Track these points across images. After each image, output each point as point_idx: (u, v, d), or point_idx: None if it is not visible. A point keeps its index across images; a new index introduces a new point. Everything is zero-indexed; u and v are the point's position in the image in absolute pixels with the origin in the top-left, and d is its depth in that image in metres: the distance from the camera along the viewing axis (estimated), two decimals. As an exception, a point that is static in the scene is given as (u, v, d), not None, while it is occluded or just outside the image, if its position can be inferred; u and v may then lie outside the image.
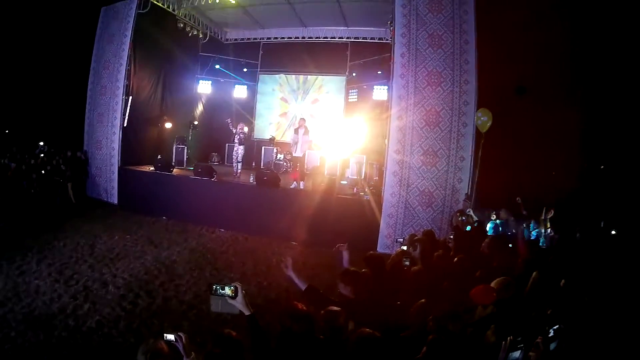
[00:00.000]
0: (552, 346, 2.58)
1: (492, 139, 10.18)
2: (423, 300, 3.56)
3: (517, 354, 2.55)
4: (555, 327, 2.64)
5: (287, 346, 2.86)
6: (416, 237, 5.85)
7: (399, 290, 4.23)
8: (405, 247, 6.26)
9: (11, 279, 7.41)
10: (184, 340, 2.98)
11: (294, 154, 13.11)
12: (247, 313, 2.93)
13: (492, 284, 3.88)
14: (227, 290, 2.90)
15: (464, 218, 7.39)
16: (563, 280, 4.05)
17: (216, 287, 2.94)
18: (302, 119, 13.17)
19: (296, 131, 12.99)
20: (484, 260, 5.14)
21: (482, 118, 9.84)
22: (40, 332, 5.77)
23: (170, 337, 2.99)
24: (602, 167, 14.92)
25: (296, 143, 12.72)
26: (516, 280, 4.17)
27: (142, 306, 6.88)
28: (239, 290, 2.89)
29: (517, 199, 8.21)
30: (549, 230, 6.33)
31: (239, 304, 2.91)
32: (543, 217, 7.21)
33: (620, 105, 12.49)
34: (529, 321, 3.21)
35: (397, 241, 7.06)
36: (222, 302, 2.92)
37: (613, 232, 8.06)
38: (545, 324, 2.89)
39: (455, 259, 5.06)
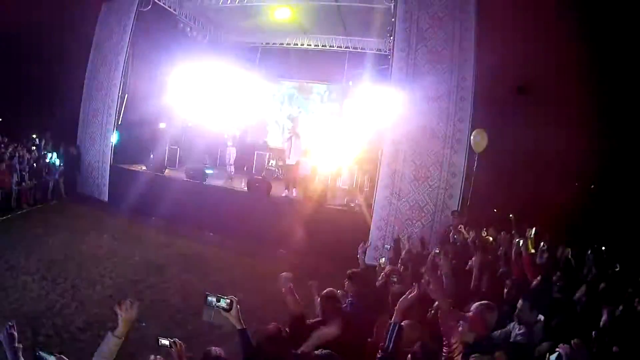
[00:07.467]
0: None
1: (485, 156, 10.27)
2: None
3: None
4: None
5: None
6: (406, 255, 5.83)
7: (384, 310, 4.17)
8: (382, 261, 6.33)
9: (-1, 273, 7.38)
10: (178, 347, 2.94)
11: (286, 161, 13.17)
12: (238, 327, 2.95)
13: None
14: (223, 303, 2.89)
15: (456, 236, 7.39)
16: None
17: (211, 298, 2.91)
18: (293, 126, 13.21)
19: (289, 139, 13.06)
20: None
21: (477, 138, 9.89)
22: (28, 329, 5.73)
23: (165, 342, 2.96)
24: (592, 186, 15.06)
25: (289, 150, 12.80)
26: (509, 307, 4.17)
27: (130, 308, 6.86)
28: (234, 304, 2.90)
29: (510, 215, 8.07)
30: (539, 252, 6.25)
31: (232, 318, 2.92)
32: (527, 236, 7.00)
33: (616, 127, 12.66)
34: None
35: (384, 247, 7.14)
36: (214, 313, 2.92)
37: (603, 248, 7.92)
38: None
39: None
